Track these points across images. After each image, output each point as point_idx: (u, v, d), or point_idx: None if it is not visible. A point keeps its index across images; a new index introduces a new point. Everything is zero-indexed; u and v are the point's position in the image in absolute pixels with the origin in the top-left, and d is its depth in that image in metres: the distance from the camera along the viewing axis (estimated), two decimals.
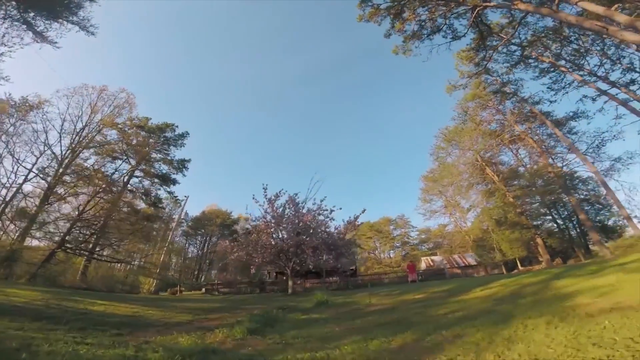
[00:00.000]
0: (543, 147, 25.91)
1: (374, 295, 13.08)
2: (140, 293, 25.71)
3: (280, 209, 19.55)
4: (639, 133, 20.30)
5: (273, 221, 19.77)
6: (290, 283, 19.97)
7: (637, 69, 17.40)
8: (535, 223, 27.08)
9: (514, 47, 23.28)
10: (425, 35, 21.65)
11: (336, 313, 9.51)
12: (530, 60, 22.93)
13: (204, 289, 28.26)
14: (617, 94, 19.94)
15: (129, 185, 30.49)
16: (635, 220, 18.75)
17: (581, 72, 20.95)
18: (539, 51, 22.15)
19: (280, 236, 20.05)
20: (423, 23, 21.34)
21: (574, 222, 26.46)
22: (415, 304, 9.48)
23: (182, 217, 37.08)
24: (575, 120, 23.38)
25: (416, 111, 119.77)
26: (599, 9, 12.34)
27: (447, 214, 40.23)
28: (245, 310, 10.73)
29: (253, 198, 20.01)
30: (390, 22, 20.64)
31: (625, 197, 20.54)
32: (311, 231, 18.79)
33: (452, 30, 21.38)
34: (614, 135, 22.26)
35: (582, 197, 24.06)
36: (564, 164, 25.43)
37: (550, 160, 25.52)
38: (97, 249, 26.05)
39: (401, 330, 5.60)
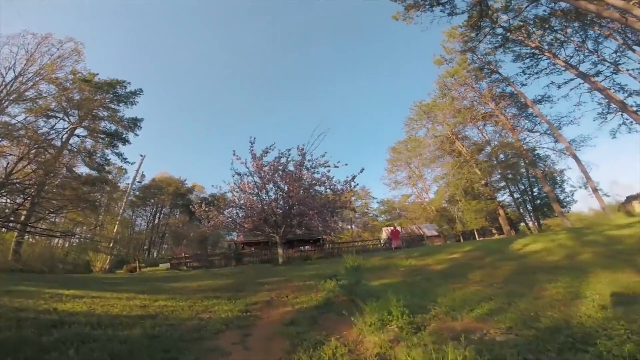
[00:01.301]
0: (512, 124, 28.72)
1: (395, 258, 12.12)
2: (94, 272, 21.99)
3: (281, 160, 17.35)
4: (594, 120, 23.71)
5: (259, 181, 17.96)
6: (280, 251, 18.79)
7: (609, 61, 19.85)
8: (496, 195, 30.45)
9: (499, 30, 24.54)
10: (427, 6, 21.38)
11: (405, 275, 8.21)
12: (510, 45, 24.45)
13: (168, 264, 25.32)
14: (582, 84, 22.71)
15: (68, 146, 25.01)
16: (599, 193, 22.04)
17: (556, 61, 23.07)
18: (522, 37, 23.66)
19: (267, 198, 18.39)
20: None
21: (529, 196, 30.52)
22: (487, 259, 8.68)
23: (137, 180, 32.23)
24: (541, 104, 26.15)
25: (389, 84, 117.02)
26: (619, 3, 13.29)
27: (410, 184, 42.83)
28: (270, 284, 8.25)
29: (234, 154, 17.51)
30: None
31: (580, 175, 24.02)
32: (312, 191, 17.71)
33: (451, 5, 21.40)
34: (571, 120, 25.67)
35: (541, 172, 27.44)
36: (526, 141, 28.81)
37: (515, 137, 28.41)
38: (32, 221, 21.16)
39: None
